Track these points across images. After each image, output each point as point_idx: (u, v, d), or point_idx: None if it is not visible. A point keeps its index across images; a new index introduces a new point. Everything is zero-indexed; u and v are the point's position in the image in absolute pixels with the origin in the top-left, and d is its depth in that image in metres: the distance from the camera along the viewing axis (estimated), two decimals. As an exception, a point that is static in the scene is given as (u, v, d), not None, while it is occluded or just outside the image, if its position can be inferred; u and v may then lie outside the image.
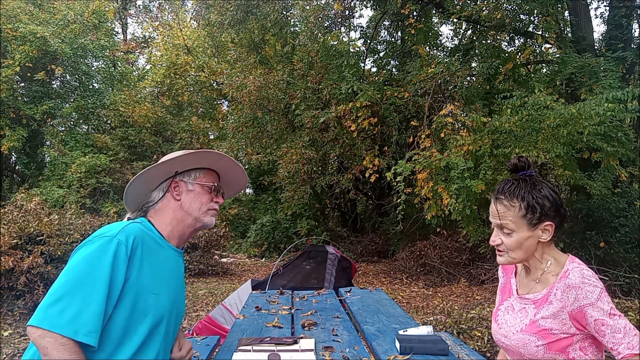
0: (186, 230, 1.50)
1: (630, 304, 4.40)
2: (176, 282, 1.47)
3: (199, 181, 1.51)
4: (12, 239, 5.18)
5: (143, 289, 1.30)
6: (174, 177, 1.49)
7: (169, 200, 1.48)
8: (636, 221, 6.42)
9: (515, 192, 1.27)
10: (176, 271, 1.48)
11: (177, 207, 1.47)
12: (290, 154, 8.98)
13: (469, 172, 5.63)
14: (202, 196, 1.50)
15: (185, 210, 1.47)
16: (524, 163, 1.31)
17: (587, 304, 1.18)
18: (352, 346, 2.22)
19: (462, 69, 7.28)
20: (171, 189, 1.48)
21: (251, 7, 9.35)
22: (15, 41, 11.38)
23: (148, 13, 20.61)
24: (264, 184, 14.79)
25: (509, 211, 1.27)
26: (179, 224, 1.47)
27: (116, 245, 1.26)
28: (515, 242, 1.27)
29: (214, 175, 1.56)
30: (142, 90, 15.65)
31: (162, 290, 1.37)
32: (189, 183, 1.50)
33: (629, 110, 5.12)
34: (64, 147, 12.19)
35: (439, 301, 6.50)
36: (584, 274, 1.22)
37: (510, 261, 1.31)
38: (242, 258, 11.66)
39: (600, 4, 9.67)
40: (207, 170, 1.54)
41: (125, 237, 1.29)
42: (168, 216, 1.47)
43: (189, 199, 1.48)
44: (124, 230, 1.31)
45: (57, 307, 1.15)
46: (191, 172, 1.51)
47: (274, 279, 5.30)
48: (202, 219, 1.50)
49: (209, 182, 1.53)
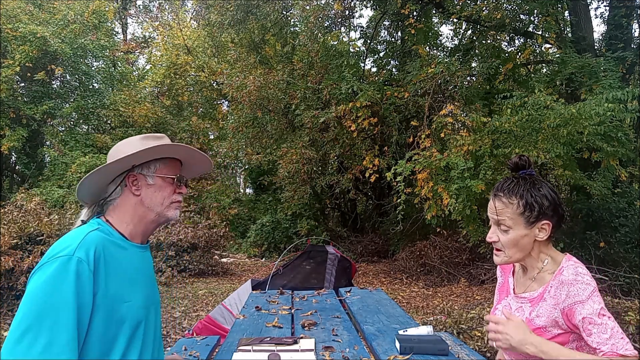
0: (149, 226, 1.39)
1: (630, 304, 4.40)
2: (145, 280, 1.38)
3: (159, 173, 1.37)
4: (12, 239, 5.19)
5: (114, 301, 1.22)
6: (131, 171, 1.35)
7: (127, 195, 1.35)
8: (636, 221, 6.42)
9: (515, 189, 1.27)
10: (143, 268, 1.39)
11: (137, 203, 1.35)
12: (290, 154, 8.98)
13: (469, 172, 5.63)
14: (164, 189, 1.37)
15: (146, 206, 1.35)
16: (525, 162, 1.32)
17: (578, 301, 1.18)
18: (352, 346, 2.22)
19: (462, 69, 7.28)
20: (129, 183, 1.34)
21: (251, 7, 9.35)
22: (15, 41, 11.38)
23: (148, 13, 20.62)
24: (264, 184, 14.80)
25: (507, 208, 1.27)
26: (141, 221, 1.36)
27: (76, 265, 1.14)
28: (512, 239, 1.27)
29: (175, 164, 1.42)
30: (142, 90, 15.65)
31: (133, 295, 1.29)
32: (149, 176, 1.36)
33: (629, 110, 5.12)
34: (64, 147, 12.19)
35: (439, 301, 6.50)
36: (578, 271, 1.22)
37: (507, 260, 1.31)
38: (242, 258, 11.66)
39: (600, 4, 9.67)
40: (168, 160, 1.40)
41: (85, 252, 1.18)
42: (128, 213, 1.35)
43: (150, 193, 1.35)
44: (82, 244, 1.19)
45: (24, 342, 1.06)
46: (150, 163, 1.36)
47: (274, 279, 5.30)
48: (165, 213, 1.38)
49: (171, 174, 1.39)
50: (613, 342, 1.14)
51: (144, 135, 1.39)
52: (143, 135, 1.40)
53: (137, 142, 1.36)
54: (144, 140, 1.37)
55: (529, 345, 1.17)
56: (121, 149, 1.35)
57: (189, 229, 8.85)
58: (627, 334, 3.67)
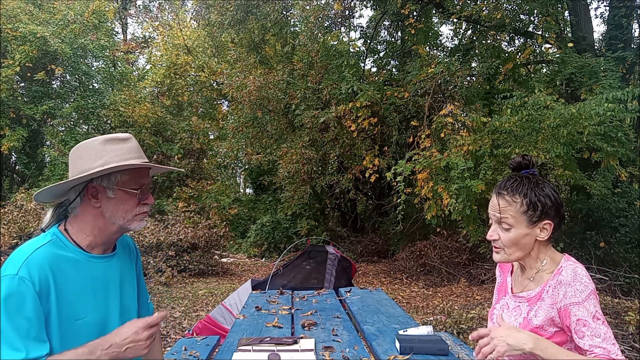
0: (112, 236, 1.31)
1: (630, 304, 4.40)
2: (106, 291, 1.30)
3: (121, 186, 1.25)
4: (12, 238, 5.20)
5: (65, 319, 1.18)
6: (90, 182, 1.23)
7: (87, 205, 1.25)
8: (636, 221, 6.42)
9: (518, 188, 1.27)
10: (104, 279, 1.30)
11: (97, 215, 1.25)
12: (290, 154, 8.98)
13: (469, 172, 5.63)
14: (126, 202, 1.26)
15: (107, 218, 1.25)
16: (528, 161, 1.31)
17: (574, 302, 1.18)
18: (352, 346, 2.22)
19: (462, 69, 7.28)
20: (87, 194, 1.24)
21: (251, 7, 9.35)
22: (15, 41, 11.38)
23: (148, 13, 20.62)
24: (264, 184, 14.80)
25: (510, 206, 1.26)
26: (101, 233, 1.27)
27: (17, 285, 1.10)
28: (513, 238, 1.27)
29: (139, 173, 1.28)
30: (142, 90, 15.64)
31: (87, 310, 1.23)
32: (109, 189, 1.24)
33: (629, 110, 5.13)
34: (64, 147, 12.18)
35: (439, 301, 6.50)
36: (577, 272, 1.22)
37: (506, 259, 1.31)
38: (242, 258, 11.66)
39: (600, 4, 9.68)
40: (130, 170, 1.26)
41: (28, 272, 1.12)
42: (88, 224, 1.26)
43: (111, 206, 1.25)
44: (26, 263, 1.13)
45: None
46: (111, 175, 1.23)
47: (274, 279, 5.30)
48: (128, 226, 1.28)
49: (134, 185, 1.27)
50: (605, 346, 1.13)
51: (107, 138, 1.26)
52: (105, 137, 1.26)
53: (98, 149, 1.23)
54: (106, 145, 1.24)
55: (525, 340, 1.14)
56: (81, 156, 1.24)
57: (189, 229, 8.85)
58: (627, 334, 3.68)
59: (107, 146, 1.24)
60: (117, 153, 1.24)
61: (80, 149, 1.26)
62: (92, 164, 1.22)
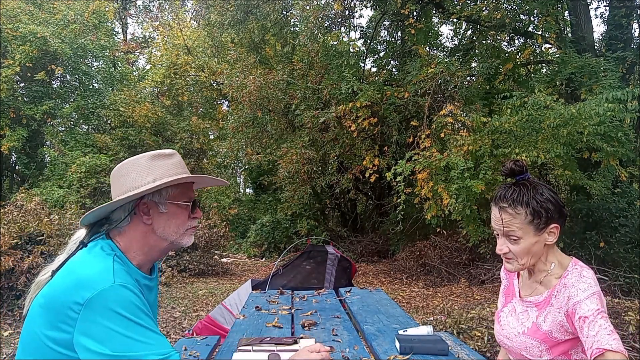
0: (160, 254, 1.28)
1: (630, 304, 4.40)
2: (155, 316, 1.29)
3: (172, 200, 1.24)
4: (12, 239, 5.18)
5: None
6: (141, 198, 1.21)
7: (137, 224, 1.21)
8: (636, 221, 6.42)
9: (519, 198, 1.23)
10: (153, 303, 1.28)
11: (148, 232, 1.22)
12: (290, 154, 8.97)
13: (469, 172, 5.63)
14: (178, 217, 1.25)
15: (158, 235, 1.23)
16: (520, 167, 1.28)
17: (577, 301, 1.16)
18: (352, 346, 2.22)
19: (462, 69, 7.28)
20: (139, 212, 1.21)
21: (251, 7, 9.35)
22: (15, 41, 11.38)
23: (148, 13, 20.63)
24: (264, 184, 14.79)
25: (515, 219, 1.23)
26: (152, 250, 1.24)
27: (124, 289, 1.07)
28: (524, 249, 1.25)
29: (188, 188, 1.30)
30: (142, 90, 15.65)
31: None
32: (161, 204, 1.23)
33: (629, 110, 5.13)
34: (64, 147, 12.19)
35: (439, 301, 6.49)
36: (582, 274, 1.21)
37: (519, 268, 1.29)
38: (242, 258, 11.66)
39: (600, 4, 9.67)
40: (180, 184, 1.26)
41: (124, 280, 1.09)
42: (138, 243, 1.21)
43: (163, 222, 1.23)
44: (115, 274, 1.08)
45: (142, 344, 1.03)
46: (162, 190, 1.23)
47: (274, 279, 5.30)
48: (179, 241, 1.27)
49: (185, 199, 1.27)
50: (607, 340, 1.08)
51: (153, 154, 1.25)
52: (151, 154, 1.25)
53: (147, 165, 1.22)
54: (154, 161, 1.23)
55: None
56: (129, 174, 1.22)
57: (189, 229, 8.84)
58: (627, 334, 3.67)
59: (155, 162, 1.23)
60: (166, 168, 1.23)
61: (125, 167, 1.23)
62: (142, 180, 1.20)
